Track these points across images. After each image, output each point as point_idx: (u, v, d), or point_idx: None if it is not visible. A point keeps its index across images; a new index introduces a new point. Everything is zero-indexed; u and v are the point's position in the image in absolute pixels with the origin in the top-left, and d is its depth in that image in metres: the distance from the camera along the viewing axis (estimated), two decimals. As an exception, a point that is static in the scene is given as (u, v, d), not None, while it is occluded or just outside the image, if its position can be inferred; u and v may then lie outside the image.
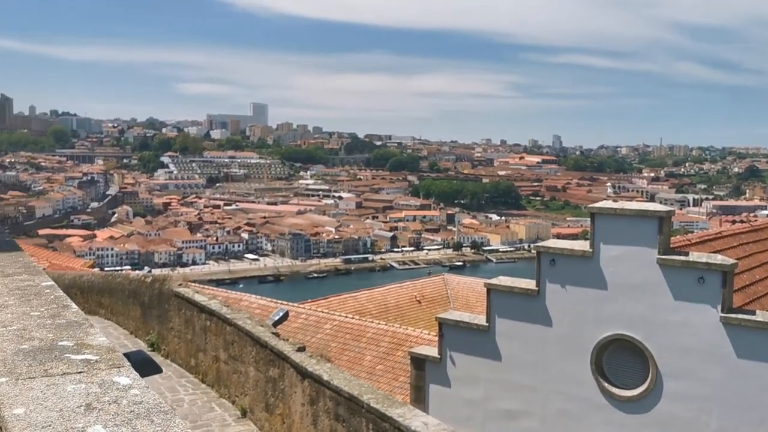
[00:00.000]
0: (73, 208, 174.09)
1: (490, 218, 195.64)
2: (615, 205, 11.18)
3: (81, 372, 1.99)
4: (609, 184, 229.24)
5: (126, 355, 2.36)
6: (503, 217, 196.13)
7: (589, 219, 11.44)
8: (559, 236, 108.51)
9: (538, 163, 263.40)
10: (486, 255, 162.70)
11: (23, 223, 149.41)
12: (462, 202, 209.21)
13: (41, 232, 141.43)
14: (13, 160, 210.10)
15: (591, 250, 11.04)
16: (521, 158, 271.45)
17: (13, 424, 1.60)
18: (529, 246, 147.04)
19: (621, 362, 11.03)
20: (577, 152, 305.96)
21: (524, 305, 11.71)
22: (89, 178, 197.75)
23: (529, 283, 11.82)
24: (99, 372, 2.01)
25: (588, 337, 11.11)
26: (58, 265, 28.99)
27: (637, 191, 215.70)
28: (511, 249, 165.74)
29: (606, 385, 11.01)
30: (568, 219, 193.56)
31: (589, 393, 11.10)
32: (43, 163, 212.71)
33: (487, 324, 12.09)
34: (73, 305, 2.91)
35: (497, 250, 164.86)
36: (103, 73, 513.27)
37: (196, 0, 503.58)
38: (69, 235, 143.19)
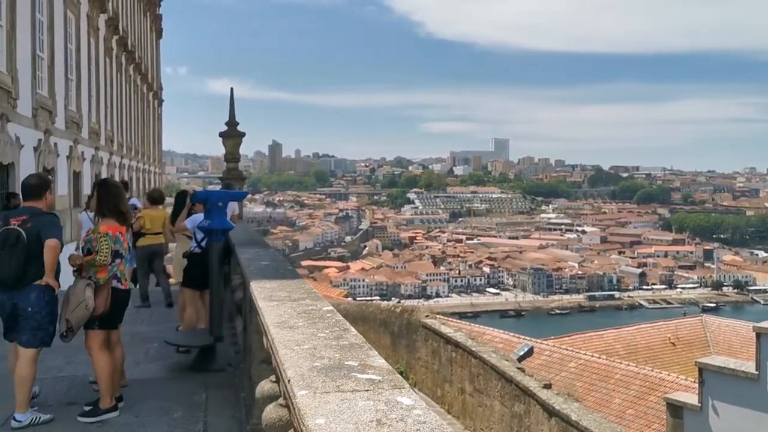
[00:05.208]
0: (330, 242, 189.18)
1: (757, 255, 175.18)
2: None
3: (368, 390, 2.22)
4: None
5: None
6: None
7: None
8: None
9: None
10: (752, 295, 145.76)
11: (289, 255, 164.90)
12: (722, 237, 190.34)
13: (303, 263, 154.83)
14: (281, 198, 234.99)
15: None
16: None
17: (316, 432, 1.86)
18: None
19: None
20: None
21: (803, 354, 10.40)
22: (344, 213, 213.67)
23: (809, 329, 10.50)
24: (383, 391, 2.22)
25: None
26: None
27: None
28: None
29: None
30: None
31: None
32: (306, 201, 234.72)
33: (756, 372, 10.93)
34: (353, 329, 3.23)
35: (766, 291, 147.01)
36: (357, 117, 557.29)
37: (440, 44, 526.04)
38: (326, 267, 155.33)
